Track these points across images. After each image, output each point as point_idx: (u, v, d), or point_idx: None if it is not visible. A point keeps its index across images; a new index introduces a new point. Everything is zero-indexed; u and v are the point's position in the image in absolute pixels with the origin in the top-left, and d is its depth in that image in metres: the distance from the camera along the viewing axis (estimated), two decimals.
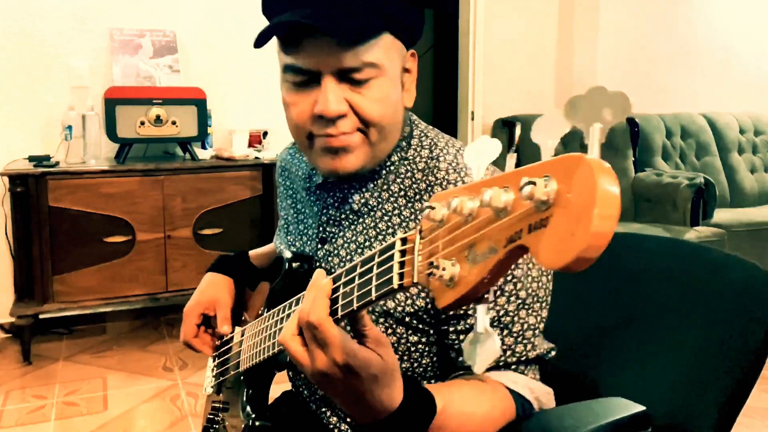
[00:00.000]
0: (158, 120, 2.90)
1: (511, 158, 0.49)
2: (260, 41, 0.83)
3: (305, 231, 1.02)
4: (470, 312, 0.84)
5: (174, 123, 2.92)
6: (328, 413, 0.99)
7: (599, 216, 0.37)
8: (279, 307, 0.85)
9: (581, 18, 3.96)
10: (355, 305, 0.61)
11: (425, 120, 1.01)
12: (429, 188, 0.88)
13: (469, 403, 0.77)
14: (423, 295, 0.86)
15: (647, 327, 1.05)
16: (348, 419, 0.96)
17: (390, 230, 0.90)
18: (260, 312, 1.02)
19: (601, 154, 0.44)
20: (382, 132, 0.86)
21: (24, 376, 2.69)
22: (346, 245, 0.94)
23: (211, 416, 1.07)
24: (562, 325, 1.08)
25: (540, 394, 0.85)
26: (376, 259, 0.59)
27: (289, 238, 1.06)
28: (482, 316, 0.48)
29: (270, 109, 3.37)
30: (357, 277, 0.61)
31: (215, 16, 3.31)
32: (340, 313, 0.63)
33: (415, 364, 0.90)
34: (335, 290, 0.65)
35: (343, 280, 0.64)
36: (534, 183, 0.40)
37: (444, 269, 0.47)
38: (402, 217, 0.89)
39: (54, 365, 2.79)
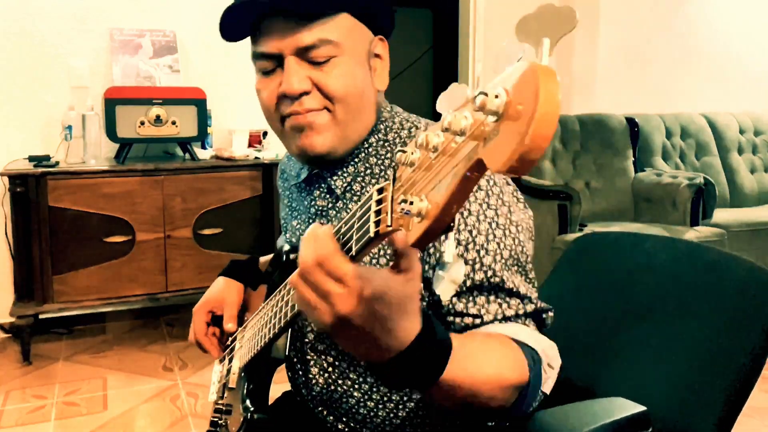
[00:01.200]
0: (158, 120, 2.90)
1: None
2: (225, 32, 0.89)
3: (299, 227, 1.04)
4: (476, 313, 0.82)
5: (174, 123, 2.92)
6: (325, 412, 0.99)
7: (540, 116, 0.39)
8: (273, 294, 0.87)
9: (581, 18, 3.94)
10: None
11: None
12: None
13: (483, 348, 0.75)
14: (425, 294, 0.84)
15: (647, 326, 1.05)
16: (344, 419, 0.97)
17: None
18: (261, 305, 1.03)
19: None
20: (348, 109, 0.88)
21: (24, 376, 2.69)
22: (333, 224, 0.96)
23: (215, 419, 1.07)
24: (561, 324, 1.08)
25: (545, 346, 0.82)
26: (357, 215, 0.58)
27: (287, 236, 1.09)
28: (450, 244, 0.49)
29: None
30: (341, 236, 0.61)
31: (215, 16, 3.29)
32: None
33: None
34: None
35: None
36: (485, 93, 0.42)
37: (412, 203, 0.49)
38: None
39: (54, 365, 2.79)
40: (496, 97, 0.41)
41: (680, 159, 4.02)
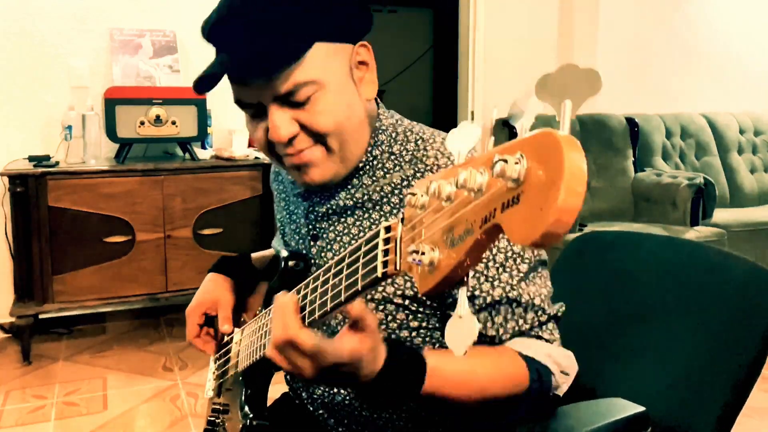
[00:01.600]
0: (158, 120, 2.90)
1: (490, 142, 0.49)
2: (199, 89, 0.88)
3: (297, 230, 1.03)
4: (493, 334, 0.85)
5: (174, 123, 2.92)
6: (326, 415, 0.99)
7: (566, 190, 0.37)
8: (272, 306, 0.86)
9: (581, 18, 3.95)
10: (343, 297, 0.63)
11: (425, 120, 1.01)
12: (417, 174, 0.89)
13: (469, 362, 0.79)
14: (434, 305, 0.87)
15: (646, 326, 1.05)
16: (345, 421, 0.97)
17: (383, 221, 0.89)
18: (257, 312, 1.02)
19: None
20: (340, 138, 0.87)
21: (24, 376, 2.69)
22: (338, 238, 0.95)
23: (212, 418, 1.07)
24: (560, 324, 1.08)
25: (559, 357, 0.85)
26: (362, 249, 0.60)
27: (285, 239, 1.08)
28: (463, 299, 0.48)
29: None
30: (341, 271, 0.63)
31: None
32: (317, 314, 0.67)
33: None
34: (314, 290, 0.68)
35: (321, 279, 0.68)
36: (505, 161, 0.40)
37: (423, 254, 0.48)
38: (392, 205, 0.90)
39: (54, 365, 2.79)
40: (516, 163, 0.40)
41: (680, 159, 4.02)
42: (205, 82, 0.86)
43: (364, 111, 0.91)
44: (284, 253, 0.99)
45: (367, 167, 0.92)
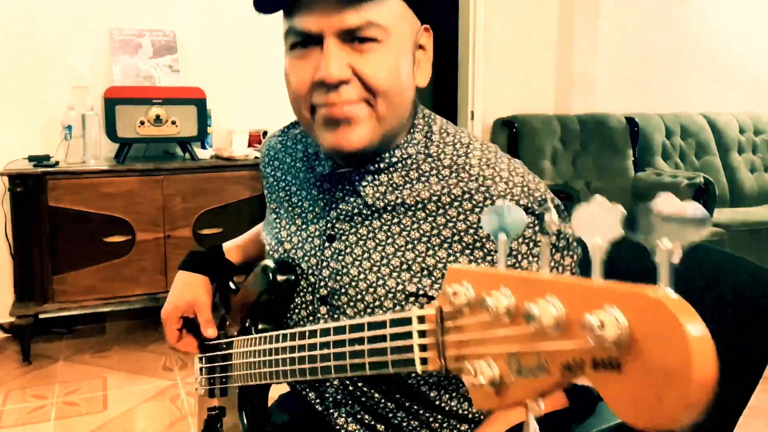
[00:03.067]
0: (158, 120, 2.90)
1: (545, 246, 0.44)
2: (262, 5, 0.79)
3: (304, 227, 0.94)
4: None
5: (174, 123, 2.92)
6: (335, 414, 0.94)
7: (698, 385, 0.31)
8: (277, 333, 0.79)
9: (581, 18, 3.95)
10: (368, 371, 0.58)
11: None
12: (460, 183, 0.82)
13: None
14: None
15: None
16: (357, 416, 0.93)
17: (415, 227, 0.84)
18: (247, 324, 0.96)
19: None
20: (390, 104, 0.79)
21: (24, 376, 2.69)
22: (361, 243, 0.87)
23: (208, 421, 1.03)
24: None
25: None
26: (388, 329, 0.55)
27: (282, 234, 0.97)
28: (532, 424, 0.42)
29: (270, 109, 3.36)
30: (362, 340, 0.59)
31: (215, 16, 3.31)
32: (333, 373, 0.63)
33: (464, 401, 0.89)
34: (325, 344, 0.63)
35: (332, 334, 0.62)
36: (602, 324, 0.34)
37: (482, 374, 0.43)
38: (427, 212, 0.83)
39: (54, 365, 2.79)
40: (615, 326, 0.34)
41: (680, 159, 4.02)
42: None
43: (413, 93, 0.85)
44: (271, 264, 0.91)
45: (400, 165, 0.85)
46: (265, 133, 3.36)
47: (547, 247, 0.44)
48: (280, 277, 0.89)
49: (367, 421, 0.92)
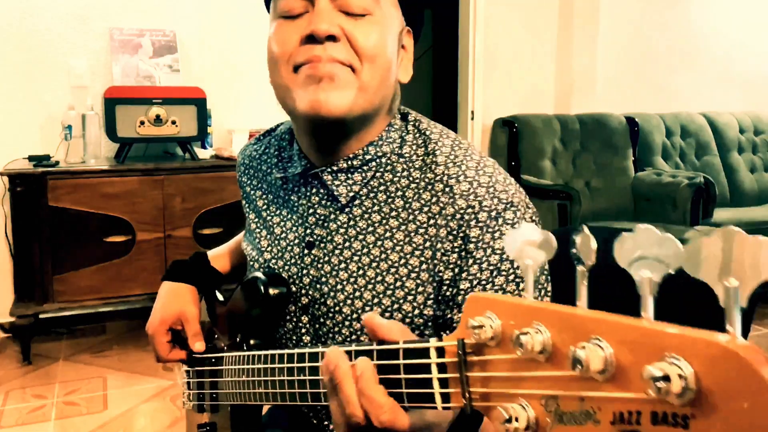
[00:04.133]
0: (158, 119, 2.90)
1: (583, 285, 0.40)
2: None
3: (284, 235, 0.90)
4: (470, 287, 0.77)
5: (174, 122, 2.92)
6: (331, 426, 0.91)
7: None
8: (271, 352, 0.74)
9: (581, 18, 3.95)
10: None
11: None
12: (428, 186, 0.80)
13: None
14: (430, 302, 0.79)
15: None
16: None
17: (389, 236, 0.81)
18: (237, 339, 0.91)
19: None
20: (374, 73, 0.78)
21: (24, 376, 2.69)
22: (338, 251, 0.84)
23: None
24: None
25: None
26: (401, 360, 0.51)
27: (262, 243, 0.94)
28: None
29: (270, 109, 3.35)
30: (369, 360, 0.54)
31: (215, 15, 3.31)
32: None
33: None
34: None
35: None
36: (666, 376, 0.31)
37: (517, 417, 0.39)
38: (401, 220, 0.81)
39: (54, 365, 2.79)
40: (680, 377, 0.31)
41: (680, 158, 4.02)
42: None
43: (394, 79, 0.83)
44: (262, 277, 0.85)
45: (374, 163, 0.83)
46: None
47: (583, 280, 0.41)
48: (272, 291, 0.84)
49: None
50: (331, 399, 0.57)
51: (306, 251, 0.87)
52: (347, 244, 0.83)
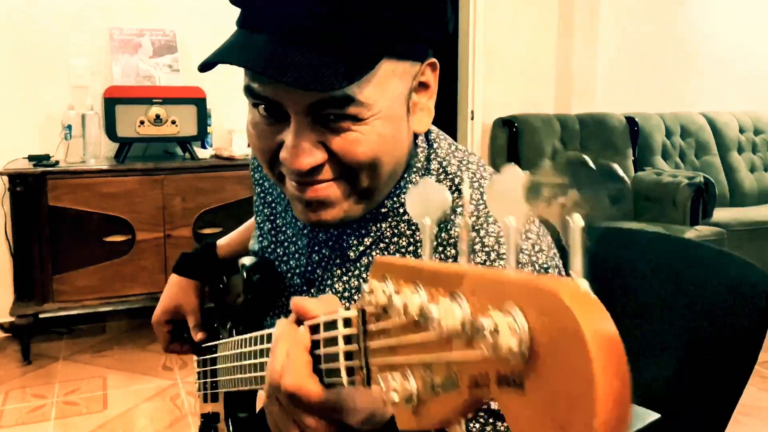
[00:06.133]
0: (158, 119, 2.90)
1: (464, 225, 0.36)
2: (204, 66, 0.69)
3: (286, 259, 0.85)
4: None
5: (174, 122, 2.92)
6: None
7: (602, 406, 0.24)
8: (252, 335, 0.70)
9: (581, 18, 3.95)
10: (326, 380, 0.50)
11: None
12: (444, 243, 0.70)
13: None
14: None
15: (639, 322, 1.06)
16: None
17: None
18: (228, 326, 0.94)
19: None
20: (373, 176, 0.67)
21: (24, 376, 2.69)
22: (338, 295, 0.77)
23: (201, 428, 1.02)
24: None
25: None
26: (321, 334, 0.48)
27: (264, 247, 0.92)
28: None
29: None
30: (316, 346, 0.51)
31: (215, 15, 3.31)
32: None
33: None
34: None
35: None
36: (496, 328, 0.27)
37: (395, 390, 0.35)
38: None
39: (54, 365, 2.79)
40: (513, 334, 0.27)
41: (680, 158, 4.02)
42: (216, 63, 0.67)
43: (406, 149, 0.70)
44: (247, 263, 0.83)
45: (391, 215, 0.73)
46: None
47: (465, 229, 0.36)
48: (254, 277, 0.81)
49: None
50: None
51: (305, 287, 0.82)
52: (346, 294, 0.76)
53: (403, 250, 0.73)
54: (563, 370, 0.26)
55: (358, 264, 0.75)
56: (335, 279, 0.77)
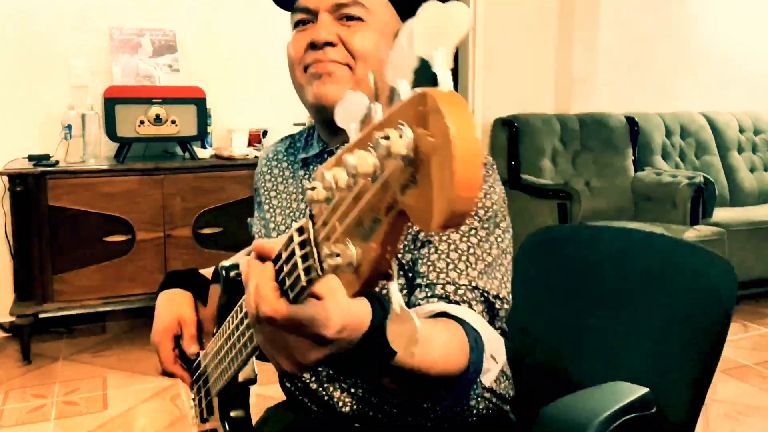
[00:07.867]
0: (158, 119, 2.90)
1: (376, 110, 0.43)
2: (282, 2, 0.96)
3: (298, 218, 0.97)
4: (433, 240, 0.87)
5: (173, 122, 2.92)
6: (331, 389, 0.97)
7: (461, 162, 0.32)
8: (226, 321, 0.77)
9: (581, 18, 3.95)
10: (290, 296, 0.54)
11: None
12: None
13: (432, 332, 0.72)
14: (410, 247, 0.89)
15: (611, 313, 1.10)
16: (352, 390, 0.95)
17: None
18: (213, 332, 0.92)
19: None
20: (367, 69, 0.93)
21: (24, 376, 2.69)
22: None
23: None
24: (527, 319, 1.13)
25: (490, 335, 0.81)
26: (283, 255, 0.53)
27: (275, 235, 1.01)
28: (395, 294, 0.43)
29: (270, 109, 3.36)
30: (279, 272, 0.55)
31: (215, 15, 3.31)
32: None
33: None
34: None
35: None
36: (387, 137, 0.35)
37: (339, 255, 0.42)
38: None
39: (54, 364, 2.79)
40: (401, 137, 0.35)
41: (680, 158, 4.02)
42: None
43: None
44: (226, 263, 0.86)
45: None
46: (265, 133, 3.36)
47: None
48: (231, 274, 0.82)
49: (360, 395, 0.95)
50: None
51: None
52: None
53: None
54: (436, 148, 0.33)
55: None
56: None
